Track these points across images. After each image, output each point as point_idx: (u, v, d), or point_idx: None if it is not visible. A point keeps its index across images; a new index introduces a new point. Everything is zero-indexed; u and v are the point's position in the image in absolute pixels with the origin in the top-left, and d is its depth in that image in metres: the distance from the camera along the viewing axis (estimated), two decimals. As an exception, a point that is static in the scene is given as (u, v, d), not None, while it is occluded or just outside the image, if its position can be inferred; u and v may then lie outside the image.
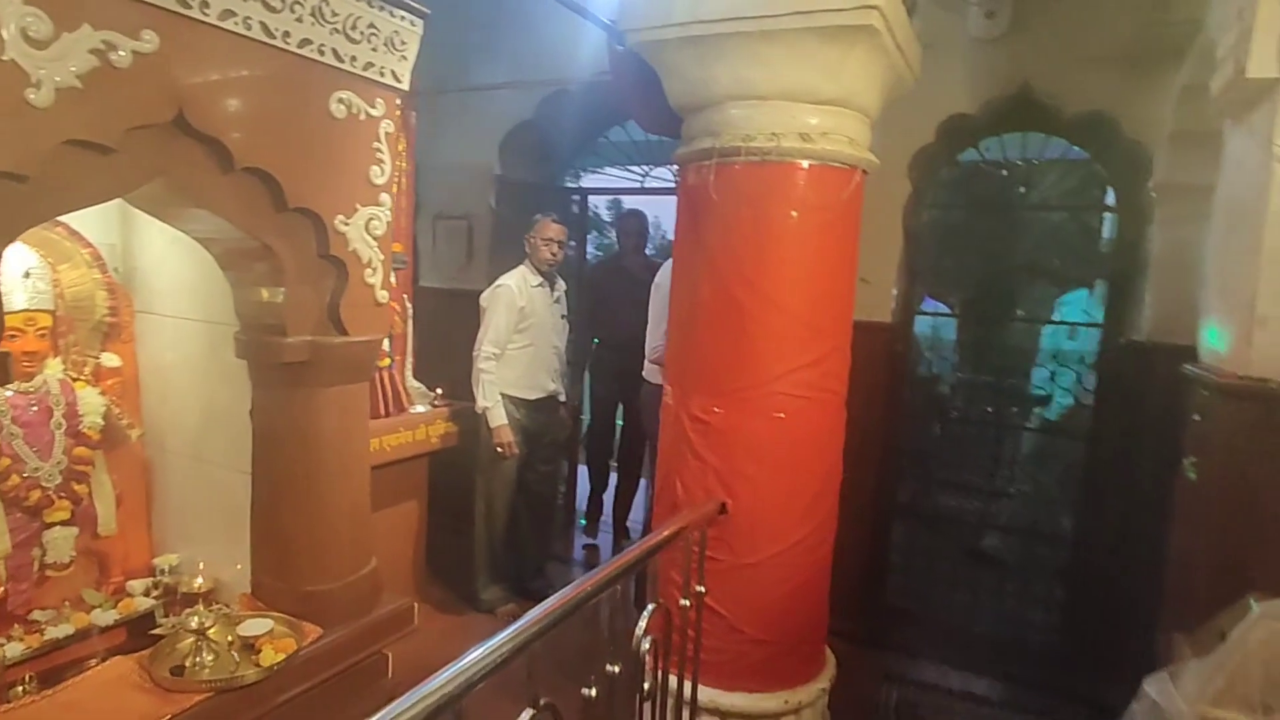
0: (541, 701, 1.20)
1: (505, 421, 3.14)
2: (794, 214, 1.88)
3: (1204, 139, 2.12)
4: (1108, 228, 3.58)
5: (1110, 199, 3.29)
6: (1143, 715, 1.26)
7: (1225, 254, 1.66)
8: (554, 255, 3.25)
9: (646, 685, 1.66)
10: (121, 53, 1.40)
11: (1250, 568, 1.40)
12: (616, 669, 1.48)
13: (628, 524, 4.16)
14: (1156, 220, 2.64)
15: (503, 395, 3.17)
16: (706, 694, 1.97)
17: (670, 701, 1.81)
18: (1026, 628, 3.31)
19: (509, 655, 1.12)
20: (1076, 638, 3.00)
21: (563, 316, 3.41)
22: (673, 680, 1.80)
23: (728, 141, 1.85)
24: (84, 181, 1.45)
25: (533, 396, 3.25)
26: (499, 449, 3.15)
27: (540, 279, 3.25)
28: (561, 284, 3.41)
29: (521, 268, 3.26)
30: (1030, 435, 4.27)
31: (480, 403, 3.15)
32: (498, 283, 3.22)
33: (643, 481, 4.13)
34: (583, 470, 4.49)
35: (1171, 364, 1.94)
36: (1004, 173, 4.10)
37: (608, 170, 4.65)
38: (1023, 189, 4.44)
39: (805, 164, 1.85)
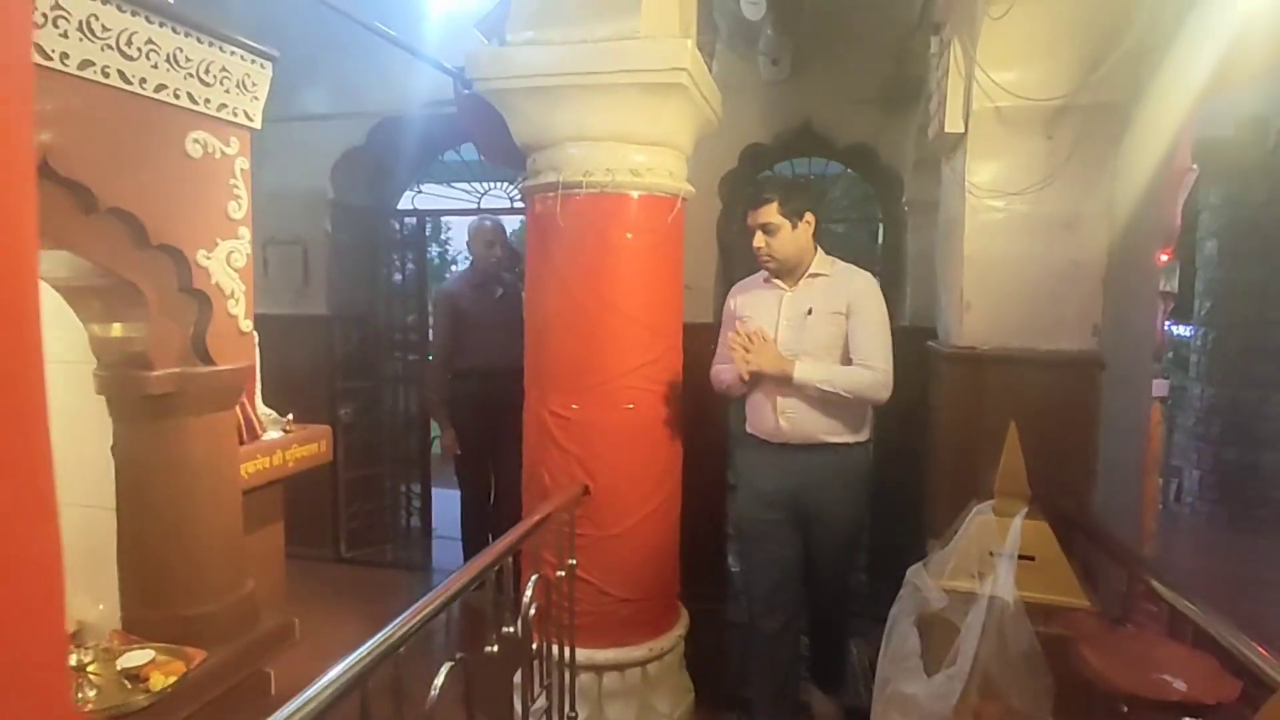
0: (458, 655, 1.44)
1: None
2: (629, 235, 2.24)
3: (935, 166, 2.74)
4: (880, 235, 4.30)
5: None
6: (906, 597, 1.73)
7: (945, 257, 2.23)
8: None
9: (535, 646, 1.92)
10: (-14, 104, 1.45)
11: (974, 484, 1.94)
12: (513, 629, 1.74)
13: None
14: (910, 229, 3.31)
15: None
16: (583, 654, 2.25)
17: (553, 666, 2.09)
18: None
19: (433, 614, 1.36)
20: (882, 572, 3.63)
21: None
22: (554, 648, 2.08)
23: (570, 176, 2.16)
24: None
25: None
26: None
27: None
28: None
29: None
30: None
31: None
32: None
33: None
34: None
35: (925, 343, 2.52)
36: (813, 176, 4.69)
37: (443, 188, 4.78)
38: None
39: (635, 194, 2.21)
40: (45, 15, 1.54)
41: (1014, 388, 1.97)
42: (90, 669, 1.82)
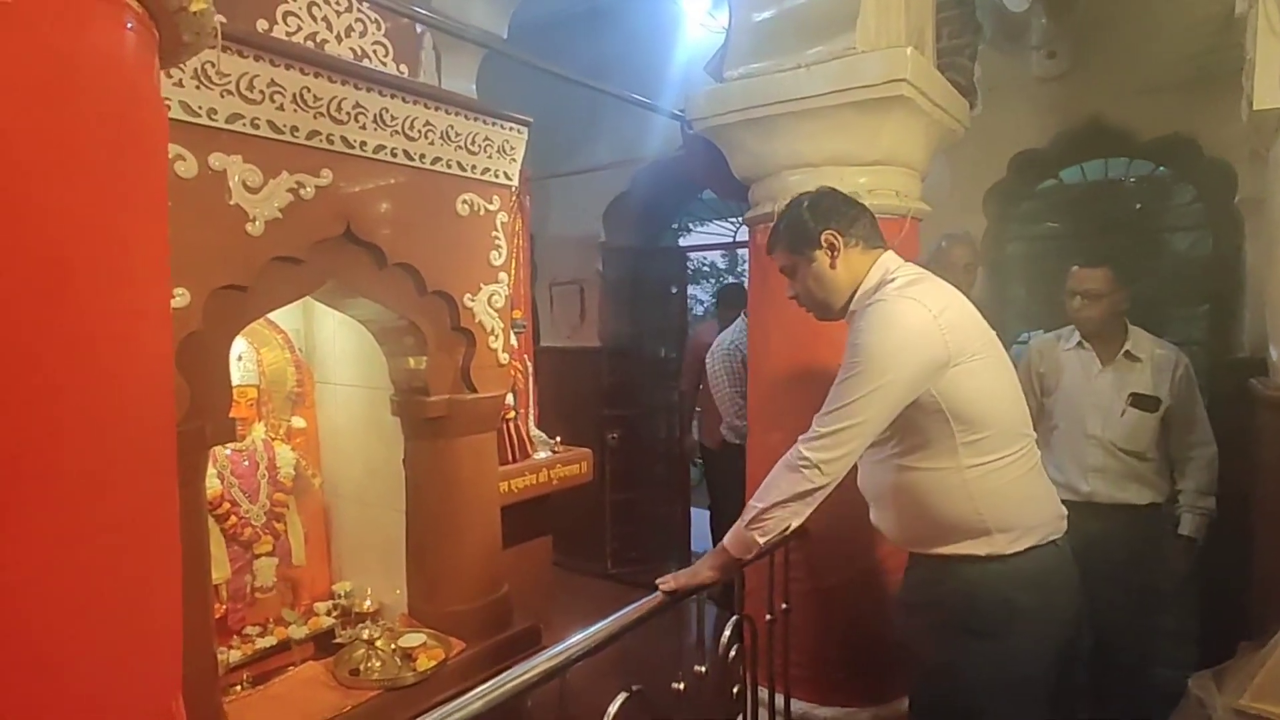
0: (634, 687, 1.45)
1: None
2: (850, 262, 2.10)
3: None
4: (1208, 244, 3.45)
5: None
6: (1188, 711, 1.34)
7: (1270, 271, 1.71)
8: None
9: (735, 690, 1.87)
10: (308, 188, 1.86)
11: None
12: (703, 669, 1.72)
13: None
14: (1248, 235, 2.61)
15: None
16: (800, 706, 2.13)
17: (763, 712, 2.01)
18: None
19: (603, 641, 1.40)
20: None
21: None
22: (764, 691, 1.99)
23: (784, 205, 2.11)
24: (283, 286, 1.90)
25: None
26: None
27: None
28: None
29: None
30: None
31: None
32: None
33: None
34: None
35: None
36: (1131, 181, 3.88)
37: (706, 226, 4.99)
38: (1139, 205, 4.26)
39: (856, 218, 2.07)
40: (349, 113, 1.94)
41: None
42: (378, 643, 2.19)
